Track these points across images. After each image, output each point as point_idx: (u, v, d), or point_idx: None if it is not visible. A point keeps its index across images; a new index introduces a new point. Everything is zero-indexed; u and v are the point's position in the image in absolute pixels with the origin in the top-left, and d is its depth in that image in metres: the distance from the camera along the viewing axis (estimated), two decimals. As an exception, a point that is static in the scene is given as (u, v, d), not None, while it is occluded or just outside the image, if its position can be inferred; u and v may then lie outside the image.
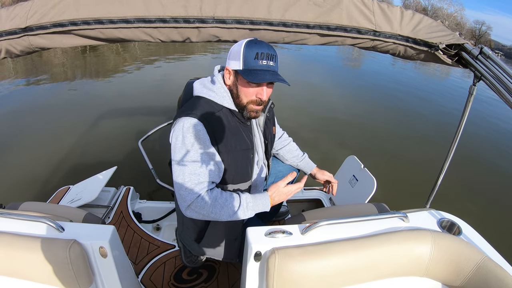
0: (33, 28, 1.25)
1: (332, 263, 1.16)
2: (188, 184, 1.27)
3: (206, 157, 1.30)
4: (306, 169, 1.95)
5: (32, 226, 1.24)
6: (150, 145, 3.78)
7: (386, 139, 5.75)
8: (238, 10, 1.20)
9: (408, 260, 1.27)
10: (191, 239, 1.64)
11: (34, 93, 6.87)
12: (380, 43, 1.32)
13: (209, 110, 1.35)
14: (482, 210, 4.10)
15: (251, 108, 1.38)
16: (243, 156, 1.44)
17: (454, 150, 1.48)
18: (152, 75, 8.69)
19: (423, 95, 10.16)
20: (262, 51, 1.26)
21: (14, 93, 6.82)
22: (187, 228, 1.62)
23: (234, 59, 1.31)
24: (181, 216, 1.58)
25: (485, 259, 1.23)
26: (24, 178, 3.74)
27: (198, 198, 1.27)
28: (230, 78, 1.37)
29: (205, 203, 1.28)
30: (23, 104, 6.10)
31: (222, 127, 1.37)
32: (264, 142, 1.61)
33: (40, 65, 9.30)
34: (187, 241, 1.69)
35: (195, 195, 1.27)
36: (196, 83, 1.48)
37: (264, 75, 1.26)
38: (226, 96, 1.39)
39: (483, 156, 5.84)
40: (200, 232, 1.59)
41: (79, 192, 2.48)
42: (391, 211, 1.50)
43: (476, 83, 1.33)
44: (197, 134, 1.29)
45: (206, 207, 1.28)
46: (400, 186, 4.20)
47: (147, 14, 1.20)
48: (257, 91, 1.34)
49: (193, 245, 1.67)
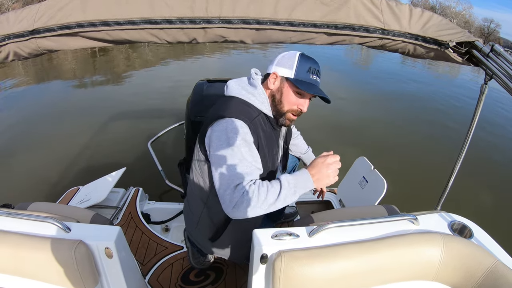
0: (40, 30, 1.25)
1: (339, 267, 1.15)
2: (232, 185, 1.25)
3: (251, 158, 1.31)
4: (307, 161, 1.95)
5: (40, 226, 1.25)
6: (159, 147, 3.80)
7: (397, 139, 5.69)
8: (244, 10, 1.19)
9: (418, 264, 1.24)
10: (205, 238, 1.64)
11: (45, 96, 7.02)
12: (388, 41, 1.30)
13: (251, 113, 1.40)
14: (495, 212, 4.03)
15: (289, 116, 1.45)
16: (272, 161, 1.50)
17: (465, 151, 1.45)
18: (161, 77, 8.75)
19: (434, 93, 10.01)
20: (314, 67, 1.41)
21: (25, 96, 6.95)
22: (203, 227, 1.61)
23: (285, 67, 1.41)
24: (197, 215, 1.58)
25: (497, 263, 1.19)
26: (35, 178, 3.81)
27: (243, 196, 1.22)
28: (276, 83, 1.44)
29: (251, 199, 1.22)
30: (34, 107, 6.23)
31: (262, 131, 1.42)
32: (284, 147, 1.66)
33: (51, 69, 9.45)
34: (200, 239, 1.69)
35: (240, 193, 1.22)
36: (232, 83, 1.52)
37: (315, 88, 1.38)
38: (266, 102, 1.45)
39: (497, 157, 5.74)
40: (217, 232, 1.59)
41: (88, 193, 2.50)
42: (401, 213, 1.48)
43: (487, 82, 1.29)
44: (244, 135, 1.30)
45: (252, 202, 1.21)
46: (411, 188, 4.15)
47: (153, 16, 1.20)
48: (300, 102, 1.43)
49: (206, 244, 1.66)
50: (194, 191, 1.56)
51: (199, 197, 1.55)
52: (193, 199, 1.59)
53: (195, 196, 1.57)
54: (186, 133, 2.62)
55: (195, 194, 1.56)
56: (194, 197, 1.58)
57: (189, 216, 1.68)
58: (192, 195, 1.60)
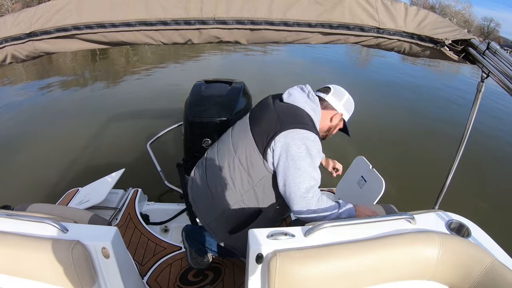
0: (37, 33, 1.26)
1: (335, 266, 1.14)
2: (310, 189, 1.42)
3: (319, 168, 1.49)
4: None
5: (38, 227, 1.26)
6: (158, 148, 3.81)
7: (395, 139, 5.69)
8: (238, 10, 1.19)
9: (415, 263, 1.23)
10: (224, 230, 1.66)
11: (44, 97, 7.02)
12: (384, 40, 1.29)
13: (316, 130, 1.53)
14: (493, 211, 4.02)
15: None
16: None
17: (463, 149, 1.44)
18: (161, 77, 8.78)
19: (432, 92, 10.01)
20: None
21: (25, 97, 6.97)
22: (227, 218, 1.63)
23: (347, 111, 1.71)
24: (225, 206, 1.61)
25: (495, 262, 1.19)
26: (34, 180, 3.83)
27: (317, 201, 1.42)
28: (337, 121, 1.71)
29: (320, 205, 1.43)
30: (34, 108, 6.25)
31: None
32: None
33: (51, 71, 9.47)
34: (218, 230, 1.70)
35: (316, 199, 1.42)
36: (297, 94, 1.62)
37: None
38: (318, 123, 1.60)
39: (495, 155, 5.72)
40: (241, 225, 1.63)
41: (88, 194, 2.51)
42: (398, 213, 1.47)
43: (484, 80, 1.29)
44: (318, 148, 1.47)
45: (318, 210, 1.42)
46: (410, 187, 4.15)
47: (148, 17, 1.20)
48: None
49: (223, 235, 1.68)
50: (231, 183, 1.59)
51: (237, 189, 1.58)
52: (226, 190, 1.60)
53: (230, 187, 1.59)
54: (184, 134, 2.63)
55: (231, 185, 1.59)
56: (228, 189, 1.60)
57: (213, 206, 1.66)
58: (223, 186, 1.61)
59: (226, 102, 2.57)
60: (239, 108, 2.59)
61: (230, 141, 1.67)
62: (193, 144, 2.56)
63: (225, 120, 2.46)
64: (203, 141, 2.50)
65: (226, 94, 2.65)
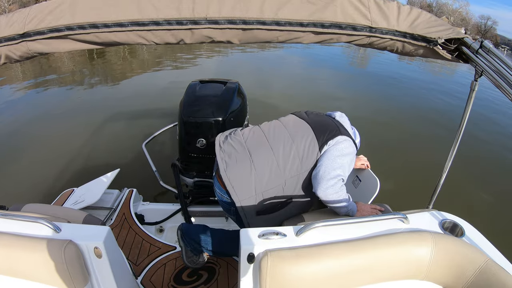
0: (30, 34, 1.26)
1: (327, 266, 1.14)
2: (337, 177, 1.64)
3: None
4: None
5: (31, 227, 1.27)
6: (154, 148, 3.82)
7: (390, 138, 5.67)
8: (230, 10, 1.19)
9: (408, 263, 1.23)
10: (254, 209, 1.72)
11: (39, 97, 7.02)
12: (376, 39, 1.29)
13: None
14: (487, 211, 4.02)
15: None
16: None
17: (456, 149, 1.44)
18: (157, 77, 8.78)
19: (426, 91, 9.99)
20: None
21: (21, 97, 6.97)
22: (262, 199, 1.71)
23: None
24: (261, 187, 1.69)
25: (488, 261, 1.18)
26: (30, 180, 3.83)
27: (341, 188, 1.65)
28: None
29: (342, 194, 1.65)
30: (30, 109, 6.23)
31: None
32: None
33: (48, 71, 9.46)
34: (247, 209, 1.73)
35: (339, 185, 1.64)
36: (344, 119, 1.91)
37: None
38: None
39: (489, 154, 5.71)
40: (267, 210, 1.73)
41: (83, 194, 2.51)
42: (391, 212, 1.47)
43: (477, 79, 1.28)
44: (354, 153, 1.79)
45: (340, 197, 1.64)
46: (405, 187, 4.15)
47: (140, 18, 1.20)
48: None
49: (250, 214, 1.73)
50: (282, 166, 1.70)
51: (285, 173, 1.70)
52: (274, 172, 1.70)
53: (280, 170, 1.70)
54: (179, 134, 2.64)
55: (281, 168, 1.70)
56: (276, 171, 1.70)
57: (252, 183, 1.70)
58: (272, 167, 1.70)
59: (221, 102, 2.57)
60: (233, 108, 2.59)
61: (285, 129, 1.82)
62: (188, 144, 2.57)
63: (219, 120, 2.46)
64: (198, 141, 2.50)
65: (220, 94, 2.65)
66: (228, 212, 1.86)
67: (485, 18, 59.46)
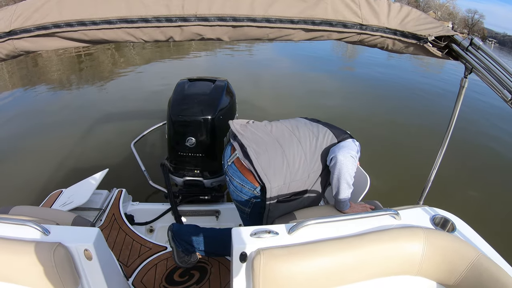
0: (17, 31, 1.23)
1: (319, 263, 1.14)
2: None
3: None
4: None
5: (19, 230, 1.25)
6: (143, 147, 3.79)
7: (380, 135, 5.68)
8: (220, 7, 1.18)
9: (400, 259, 1.24)
10: (278, 198, 1.73)
11: (27, 99, 6.90)
12: (367, 37, 1.29)
13: None
14: (478, 206, 4.06)
15: None
16: None
17: (446, 145, 1.46)
18: (145, 77, 8.69)
19: (416, 86, 10.08)
20: None
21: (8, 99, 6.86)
22: (287, 188, 1.73)
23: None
24: (290, 176, 1.71)
25: (480, 256, 1.19)
26: (18, 182, 3.77)
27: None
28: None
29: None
30: (17, 110, 6.15)
31: None
32: None
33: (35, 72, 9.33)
34: (275, 197, 1.73)
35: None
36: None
37: None
38: None
39: (479, 149, 5.79)
40: (287, 199, 1.74)
41: (71, 195, 2.47)
42: (382, 209, 1.48)
43: (467, 76, 1.30)
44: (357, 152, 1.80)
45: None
46: (395, 183, 4.17)
47: (129, 15, 1.18)
48: None
49: (275, 202, 1.74)
50: (309, 159, 1.76)
51: (310, 165, 1.75)
52: (302, 163, 1.74)
53: (307, 162, 1.75)
54: (168, 133, 2.62)
55: (308, 161, 1.75)
56: (304, 162, 1.75)
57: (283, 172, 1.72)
58: (301, 159, 1.75)
59: (210, 100, 2.56)
60: (222, 105, 2.58)
61: (307, 127, 1.88)
62: (177, 143, 2.55)
63: (208, 118, 2.45)
64: (187, 140, 2.49)
65: (209, 92, 2.65)
66: (243, 205, 1.83)
67: (472, 12, 60.36)
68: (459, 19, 58.48)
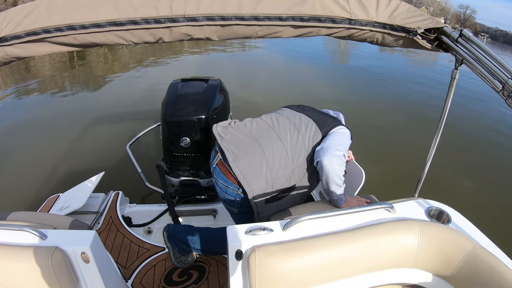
0: (7, 38, 1.22)
1: (315, 259, 1.15)
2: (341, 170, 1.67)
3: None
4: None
5: (17, 236, 1.25)
6: (138, 149, 3.79)
7: (373, 128, 5.69)
8: (208, 7, 1.18)
9: (396, 252, 1.24)
10: (264, 198, 1.73)
11: (21, 104, 6.85)
12: (356, 31, 1.29)
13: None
14: (473, 196, 4.08)
15: None
16: None
17: (439, 136, 1.46)
18: (139, 79, 8.63)
19: (409, 79, 10.11)
20: None
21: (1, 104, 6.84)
22: (272, 187, 1.73)
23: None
24: (271, 176, 1.71)
25: (476, 247, 1.20)
26: (15, 188, 3.75)
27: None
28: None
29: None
30: (11, 115, 6.12)
31: None
32: None
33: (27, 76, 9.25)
34: (258, 197, 1.73)
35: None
36: (342, 118, 2.06)
37: None
38: None
39: (472, 140, 5.82)
40: (275, 197, 1.74)
41: (68, 199, 2.46)
42: (377, 202, 1.48)
43: (458, 67, 1.30)
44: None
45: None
46: (390, 176, 4.19)
47: (118, 17, 1.18)
48: None
49: (261, 203, 1.73)
50: (291, 155, 1.75)
51: (293, 161, 1.74)
52: (283, 161, 1.73)
53: (288, 159, 1.74)
54: (163, 134, 2.62)
55: (290, 158, 1.74)
56: (285, 160, 1.74)
57: (264, 173, 1.71)
58: (282, 157, 1.74)
59: (203, 100, 2.57)
60: (216, 105, 2.58)
61: (288, 121, 1.87)
62: (172, 144, 2.55)
63: (202, 118, 2.45)
64: (182, 140, 2.49)
65: (203, 91, 2.65)
66: (230, 205, 1.85)
67: (464, 7, 60.78)
68: (451, 15, 58.53)
